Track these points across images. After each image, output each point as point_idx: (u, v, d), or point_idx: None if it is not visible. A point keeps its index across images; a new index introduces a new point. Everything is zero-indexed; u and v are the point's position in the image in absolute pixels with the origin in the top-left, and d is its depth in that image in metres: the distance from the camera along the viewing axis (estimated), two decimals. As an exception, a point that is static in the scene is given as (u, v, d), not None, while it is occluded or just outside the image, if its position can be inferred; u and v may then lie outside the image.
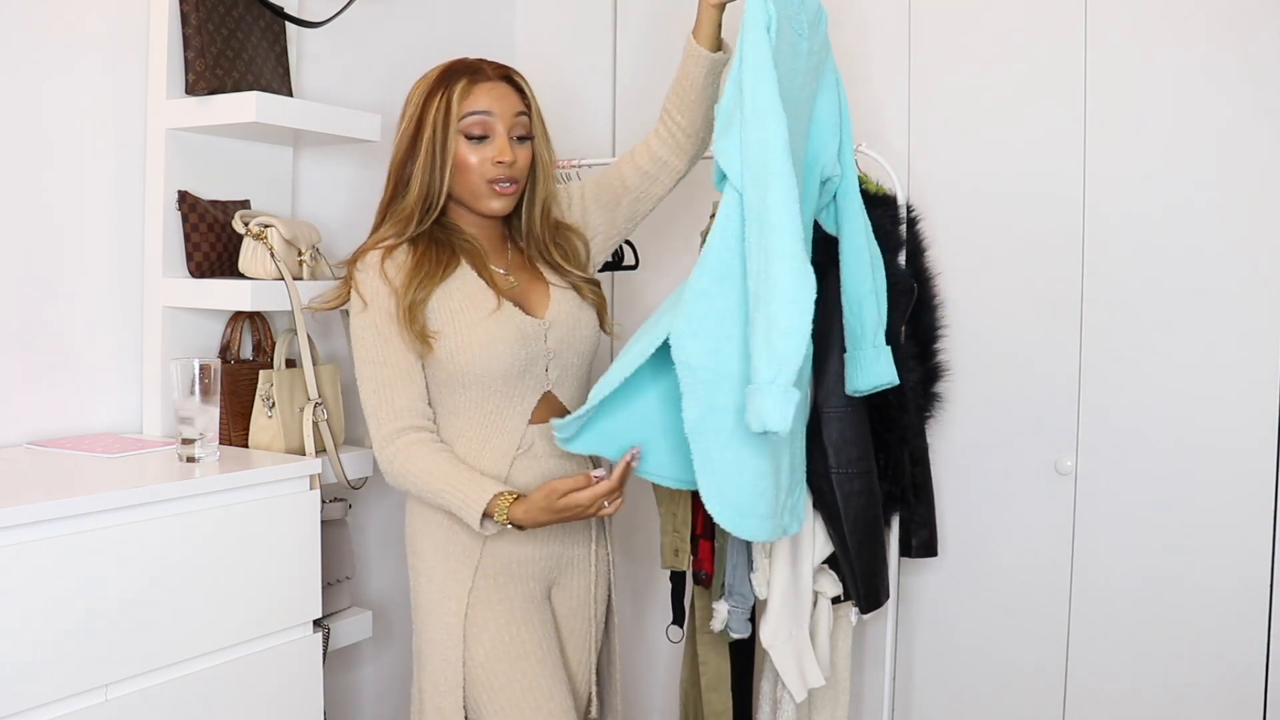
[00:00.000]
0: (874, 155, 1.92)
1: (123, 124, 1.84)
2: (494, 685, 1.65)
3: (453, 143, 1.67)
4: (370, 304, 1.65)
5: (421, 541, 1.72)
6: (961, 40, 2.21)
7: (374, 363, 1.66)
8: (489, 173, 1.68)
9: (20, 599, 1.32)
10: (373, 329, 1.65)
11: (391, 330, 1.65)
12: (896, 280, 1.80)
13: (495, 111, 1.68)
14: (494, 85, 1.69)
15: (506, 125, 1.69)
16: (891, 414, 1.80)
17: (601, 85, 2.65)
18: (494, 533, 1.61)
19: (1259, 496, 1.96)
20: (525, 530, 1.60)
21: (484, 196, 1.70)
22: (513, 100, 1.70)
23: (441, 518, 1.69)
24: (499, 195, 1.70)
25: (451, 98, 1.67)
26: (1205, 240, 2.00)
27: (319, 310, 1.83)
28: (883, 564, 1.83)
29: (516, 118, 1.70)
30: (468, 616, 1.67)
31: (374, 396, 1.66)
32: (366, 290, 1.66)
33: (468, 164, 1.68)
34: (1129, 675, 2.09)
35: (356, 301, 1.68)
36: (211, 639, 1.55)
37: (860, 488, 1.74)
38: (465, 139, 1.68)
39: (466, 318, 1.66)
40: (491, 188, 1.69)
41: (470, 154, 1.68)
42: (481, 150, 1.68)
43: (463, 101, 1.67)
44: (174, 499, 1.50)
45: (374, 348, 1.65)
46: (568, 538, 1.76)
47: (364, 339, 1.66)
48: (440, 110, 1.67)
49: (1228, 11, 1.97)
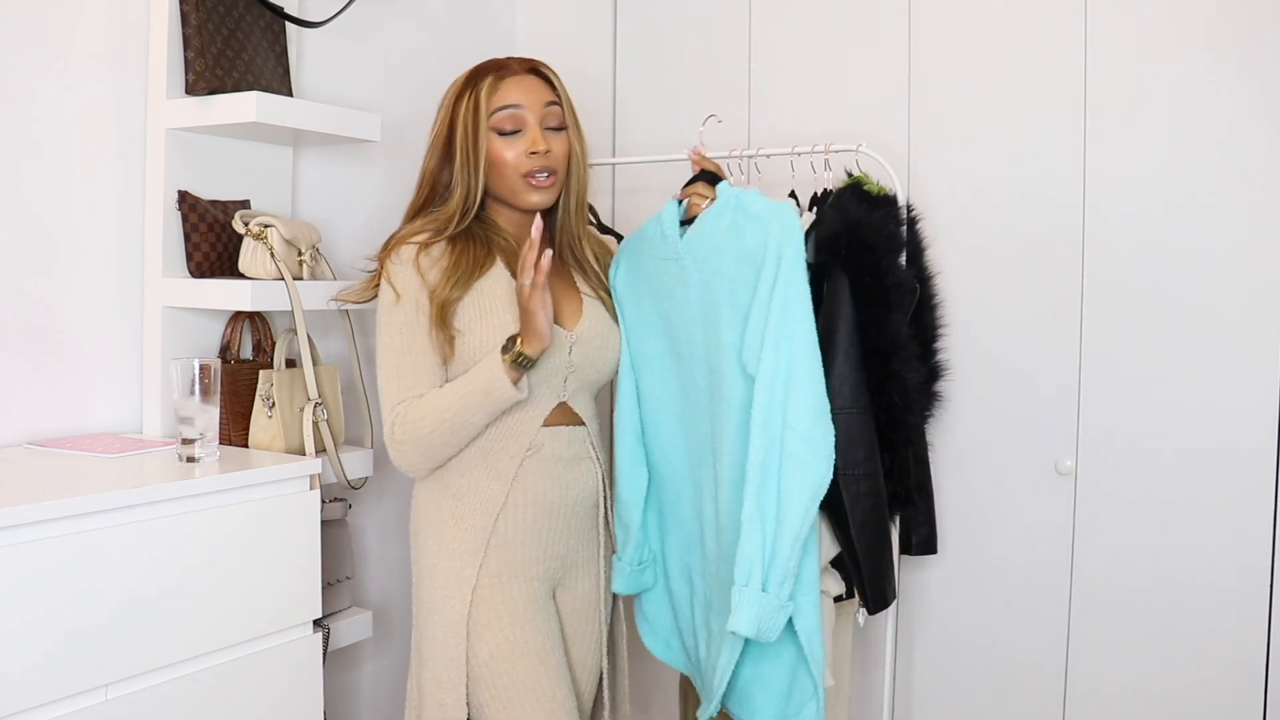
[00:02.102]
0: (874, 155, 1.92)
1: (123, 124, 1.83)
2: (496, 683, 1.65)
3: (484, 140, 1.66)
4: (403, 296, 1.64)
5: (426, 538, 1.72)
6: (962, 41, 2.21)
7: (398, 350, 1.63)
8: (524, 166, 1.67)
9: (20, 599, 1.32)
10: (401, 320, 1.64)
11: (421, 325, 1.63)
12: (899, 280, 1.80)
13: (524, 104, 1.66)
14: (521, 78, 1.68)
15: (538, 116, 1.67)
16: (897, 415, 1.80)
17: (601, 85, 2.65)
18: (523, 394, 1.61)
19: (1259, 496, 1.96)
20: (536, 357, 1.60)
21: (522, 191, 1.69)
22: (542, 91, 1.69)
23: (449, 515, 1.69)
24: (537, 188, 1.69)
25: (479, 96, 1.66)
26: (1205, 240, 2.00)
27: (348, 302, 1.81)
28: (890, 564, 1.83)
29: (547, 108, 1.69)
30: (471, 614, 1.67)
31: (391, 382, 1.64)
32: (399, 282, 1.64)
33: (502, 160, 1.67)
34: (1129, 675, 2.09)
35: (388, 293, 1.65)
36: (211, 639, 1.55)
37: (867, 489, 1.74)
38: (497, 135, 1.66)
39: (495, 318, 1.65)
40: (528, 181, 1.68)
41: (504, 149, 1.67)
42: (515, 144, 1.67)
43: (491, 98, 1.66)
44: (174, 499, 1.50)
45: (400, 336, 1.63)
46: (573, 540, 1.76)
47: (391, 328, 1.64)
48: (469, 109, 1.66)
49: (1228, 12, 1.97)
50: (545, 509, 1.71)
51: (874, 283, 1.76)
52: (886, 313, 1.76)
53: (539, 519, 1.71)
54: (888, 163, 1.92)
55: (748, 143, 2.44)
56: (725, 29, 2.49)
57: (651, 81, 2.61)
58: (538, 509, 1.71)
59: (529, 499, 1.70)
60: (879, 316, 1.76)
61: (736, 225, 1.64)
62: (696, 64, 2.54)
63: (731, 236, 1.63)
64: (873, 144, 1.97)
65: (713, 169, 1.76)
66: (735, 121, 2.48)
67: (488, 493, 1.68)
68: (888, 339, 1.77)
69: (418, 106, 2.33)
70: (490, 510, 1.68)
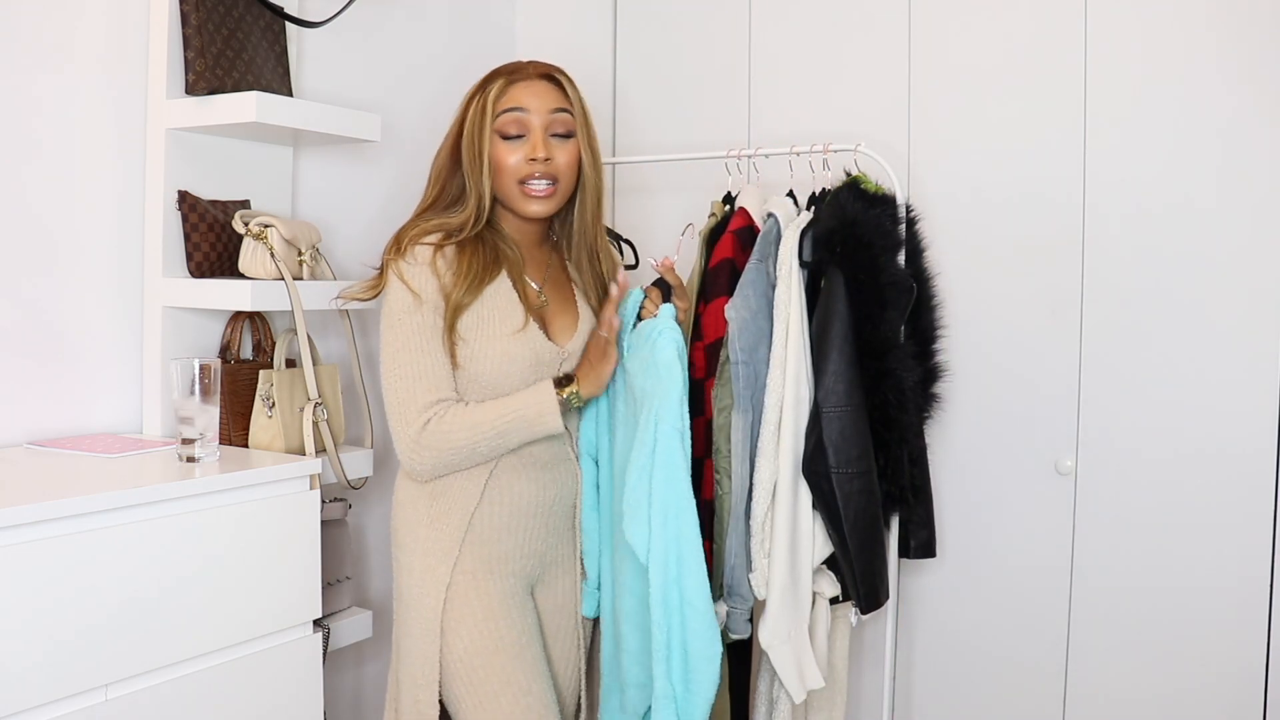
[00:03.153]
0: (873, 155, 1.92)
1: (123, 124, 1.84)
2: (472, 679, 1.66)
3: (488, 143, 1.65)
4: (422, 298, 1.61)
5: (404, 536, 1.73)
6: (962, 41, 2.21)
7: (418, 350, 1.61)
8: (521, 172, 1.65)
9: (20, 599, 1.32)
10: (419, 321, 1.61)
11: (438, 328, 1.62)
12: (895, 278, 1.80)
13: (530, 108, 1.64)
14: (531, 83, 1.67)
15: (543, 122, 1.65)
16: (891, 414, 1.80)
17: (601, 85, 2.65)
18: (563, 428, 1.66)
19: (1259, 496, 1.96)
20: (587, 401, 1.67)
21: (518, 199, 1.68)
22: (551, 96, 1.67)
23: (424, 514, 1.69)
24: (534, 197, 1.67)
25: (488, 98, 1.65)
26: (1206, 240, 1.99)
27: (354, 299, 1.78)
28: (883, 564, 1.83)
29: (554, 114, 1.66)
30: (445, 611, 1.67)
31: (415, 382, 1.61)
32: (416, 283, 1.62)
33: (503, 164, 1.66)
34: (1129, 675, 2.09)
35: (404, 294, 1.62)
36: (211, 639, 1.55)
37: (860, 487, 1.74)
38: (501, 139, 1.65)
39: (491, 329, 1.65)
40: (523, 189, 1.66)
41: (506, 154, 1.65)
42: (516, 149, 1.65)
43: (498, 100, 1.65)
44: (174, 499, 1.50)
45: (418, 337, 1.61)
46: (552, 538, 1.77)
47: (408, 328, 1.61)
48: (477, 111, 1.65)
49: (1229, 12, 1.97)
50: (522, 508, 1.72)
51: (869, 280, 1.76)
52: (882, 311, 1.77)
53: (515, 517, 1.72)
54: (887, 163, 1.92)
55: (747, 142, 2.44)
56: (725, 29, 2.50)
57: (651, 81, 2.61)
58: (514, 508, 1.71)
59: (505, 498, 1.70)
60: (874, 314, 1.76)
61: (648, 360, 1.66)
62: (696, 64, 2.54)
63: (645, 366, 1.67)
64: (872, 144, 1.97)
65: (673, 283, 1.73)
66: (734, 121, 2.48)
67: (463, 492, 1.69)
68: (882, 337, 1.77)
69: (418, 106, 2.34)
70: (466, 509, 1.69)
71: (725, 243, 1.85)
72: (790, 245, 1.79)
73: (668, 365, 1.61)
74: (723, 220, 1.95)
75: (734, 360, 1.76)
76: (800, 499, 1.78)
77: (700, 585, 1.60)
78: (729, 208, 1.97)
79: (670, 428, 1.60)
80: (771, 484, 1.75)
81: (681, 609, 1.60)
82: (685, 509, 1.60)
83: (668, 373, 1.61)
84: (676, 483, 1.60)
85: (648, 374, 1.64)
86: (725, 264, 1.83)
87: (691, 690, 1.61)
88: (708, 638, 1.61)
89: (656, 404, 1.61)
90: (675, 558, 1.60)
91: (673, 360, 1.61)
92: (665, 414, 1.60)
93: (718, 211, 1.99)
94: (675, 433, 1.60)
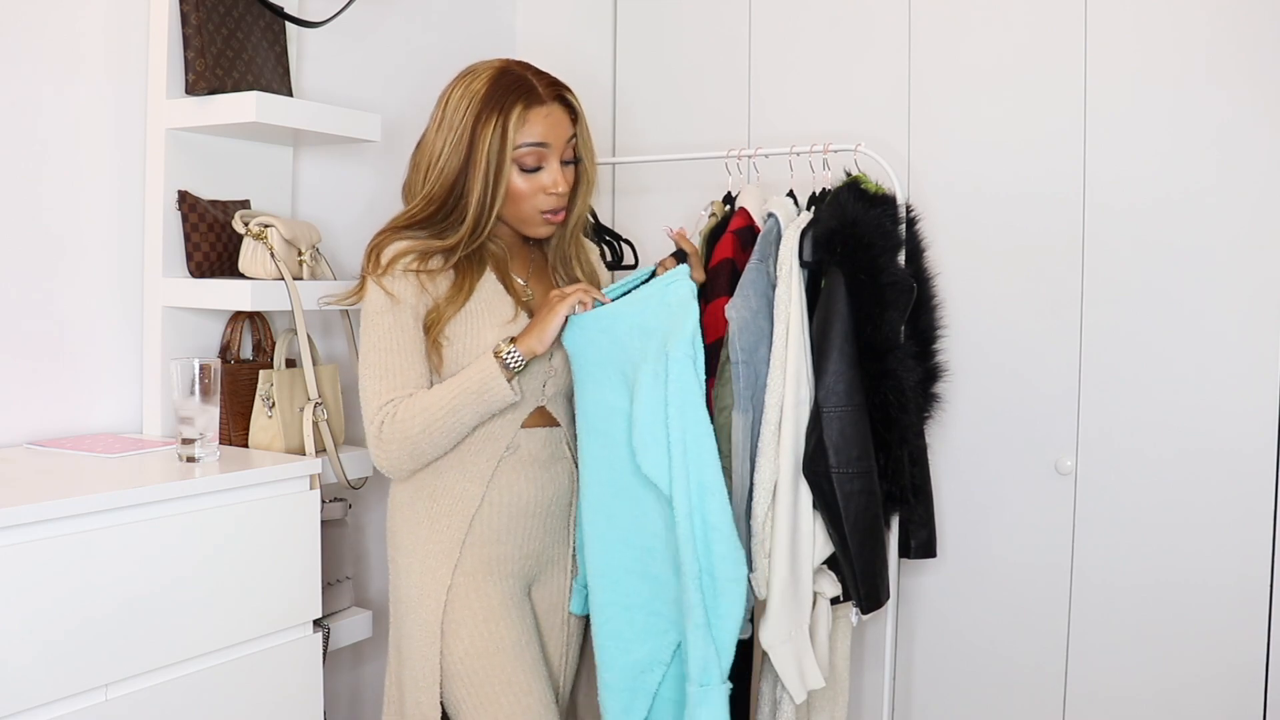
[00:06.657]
0: (873, 155, 1.92)
1: (123, 124, 1.84)
2: (472, 681, 1.66)
3: (507, 172, 1.65)
4: (398, 299, 1.63)
5: (402, 538, 1.73)
6: (962, 41, 2.22)
7: (387, 349, 1.63)
8: (543, 204, 1.68)
9: (20, 599, 1.32)
10: (392, 321, 1.62)
11: (413, 329, 1.63)
12: (895, 278, 1.80)
13: (550, 142, 1.66)
14: (549, 111, 1.66)
15: (559, 154, 1.68)
16: (891, 414, 1.80)
17: (601, 85, 2.65)
18: (517, 396, 1.61)
19: (1259, 496, 1.96)
20: (539, 354, 1.62)
21: (533, 224, 1.71)
22: (565, 126, 1.68)
23: (425, 515, 1.70)
24: (549, 223, 1.72)
25: (507, 125, 1.63)
26: (1206, 239, 2.00)
27: (334, 306, 1.81)
28: (883, 564, 1.83)
29: (567, 144, 1.69)
30: (445, 613, 1.67)
31: (378, 381, 1.62)
32: (395, 287, 1.63)
33: (520, 194, 1.68)
34: (1129, 675, 2.09)
35: (380, 295, 1.63)
36: (211, 639, 1.55)
37: (860, 487, 1.74)
38: (519, 169, 1.66)
39: (479, 321, 1.66)
40: (544, 217, 1.70)
41: (523, 184, 1.67)
42: (535, 179, 1.67)
43: (519, 131, 1.64)
44: (174, 499, 1.50)
45: (389, 336, 1.63)
46: (548, 538, 1.77)
47: (380, 328, 1.63)
48: (495, 138, 1.63)
49: (1228, 11, 1.97)
50: (520, 509, 1.72)
51: (870, 280, 1.76)
52: (882, 311, 1.77)
53: (514, 518, 1.72)
54: (887, 163, 1.92)
55: (747, 142, 2.44)
56: (725, 29, 2.50)
57: (651, 81, 2.62)
58: (513, 509, 1.71)
59: (505, 499, 1.70)
60: (874, 314, 1.76)
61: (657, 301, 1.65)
62: (696, 64, 2.54)
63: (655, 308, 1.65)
64: (872, 144, 1.97)
65: (688, 250, 1.77)
66: (734, 121, 2.48)
67: (464, 493, 1.69)
68: (883, 337, 1.77)
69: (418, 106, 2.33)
70: (466, 510, 1.69)
71: (725, 243, 1.85)
72: (790, 245, 1.79)
73: (681, 301, 1.59)
74: (723, 220, 1.95)
75: (734, 360, 1.76)
76: (801, 499, 1.78)
77: (723, 509, 1.58)
78: (729, 208, 1.97)
79: (682, 354, 1.57)
80: (772, 484, 1.75)
81: (706, 535, 1.58)
82: (704, 435, 1.58)
83: (680, 308, 1.58)
84: (692, 408, 1.57)
85: (658, 314, 1.61)
86: (725, 264, 1.83)
87: (721, 614, 1.59)
88: (733, 559, 1.58)
89: (664, 339, 1.58)
90: (697, 485, 1.58)
91: (687, 297, 1.59)
92: (677, 344, 1.57)
93: (718, 211, 1.99)
94: (687, 359, 1.57)
